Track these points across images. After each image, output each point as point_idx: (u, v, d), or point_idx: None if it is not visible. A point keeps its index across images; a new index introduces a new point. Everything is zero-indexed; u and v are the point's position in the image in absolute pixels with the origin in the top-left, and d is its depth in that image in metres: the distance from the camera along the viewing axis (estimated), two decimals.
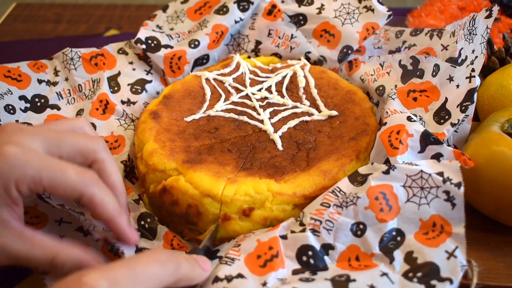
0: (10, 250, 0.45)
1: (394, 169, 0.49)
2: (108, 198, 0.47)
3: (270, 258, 0.47)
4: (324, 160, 0.56)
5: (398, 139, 0.52)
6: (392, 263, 0.46)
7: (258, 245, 0.48)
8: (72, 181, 0.46)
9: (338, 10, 0.73)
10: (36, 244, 0.46)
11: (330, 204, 0.49)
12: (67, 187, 0.46)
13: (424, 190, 0.48)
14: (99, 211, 0.47)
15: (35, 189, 0.45)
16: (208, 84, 0.69)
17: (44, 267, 0.47)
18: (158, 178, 0.57)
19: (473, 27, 0.60)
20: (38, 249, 0.46)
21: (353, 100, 0.64)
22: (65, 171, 0.46)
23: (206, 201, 0.53)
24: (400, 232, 0.47)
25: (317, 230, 0.48)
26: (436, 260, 0.45)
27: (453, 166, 0.48)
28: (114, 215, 0.48)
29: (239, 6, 0.75)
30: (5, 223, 0.45)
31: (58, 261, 0.47)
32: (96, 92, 0.67)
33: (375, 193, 0.48)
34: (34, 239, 0.46)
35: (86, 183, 0.46)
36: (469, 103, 0.55)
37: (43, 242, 0.46)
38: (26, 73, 0.67)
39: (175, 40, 0.73)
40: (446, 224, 0.47)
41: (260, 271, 0.46)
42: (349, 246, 0.48)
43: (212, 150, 0.59)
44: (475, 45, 0.60)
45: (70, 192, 0.46)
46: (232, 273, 0.46)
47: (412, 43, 0.69)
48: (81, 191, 0.46)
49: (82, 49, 0.70)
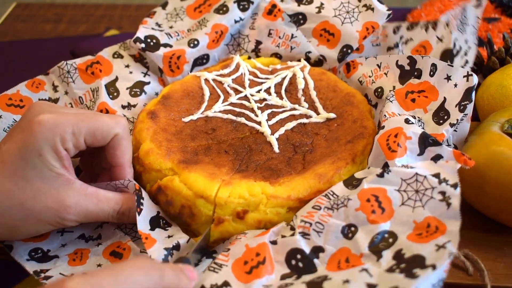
0: (82, 209, 0.49)
1: (389, 172, 0.49)
2: (129, 148, 0.55)
3: (256, 265, 0.47)
4: (320, 163, 0.56)
5: (396, 142, 0.52)
6: (379, 260, 0.44)
7: (246, 251, 0.48)
8: (108, 124, 0.52)
9: (338, 9, 0.73)
10: (101, 199, 0.51)
11: (321, 207, 0.49)
12: (104, 130, 0.51)
13: (419, 193, 0.47)
14: (119, 153, 0.53)
15: (77, 143, 0.50)
16: (207, 84, 0.69)
17: (112, 218, 0.52)
18: (153, 178, 0.57)
19: (465, 17, 0.60)
20: (105, 203, 0.51)
21: (351, 102, 0.64)
22: (100, 118, 0.52)
23: (199, 202, 0.53)
24: (393, 234, 0.46)
25: (307, 232, 0.48)
26: (424, 253, 0.43)
27: (449, 167, 0.48)
28: (126, 163, 0.54)
29: (239, 5, 0.74)
30: (70, 184, 0.49)
31: (124, 209, 0.52)
32: (96, 101, 0.67)
33: (367, 195, 0.48)
34: (99, 194, 0.51)
35: (120, 125, 0.53)
36: (468, 102, 0.55)
37: (107, 196, 0.51)
38: (27, 96, 0.67)
39: (174, 39, 0.73)
40: (441, 225, 0.45)
41: (246, 278, 0.46)
42: (340, 248, 0.47)
43: (209, 151, 0.59)
44: (468, 35, 0.59)
45: (106, 134, 0.52)
46: (218, 281, 0.46)
47: (409, 38, 0.69)
48: (116, 131, 0.52)
49: (77, 60, 0.69)
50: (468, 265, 0.51)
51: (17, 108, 0.66)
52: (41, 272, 0.50)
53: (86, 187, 0.50)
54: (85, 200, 0.50)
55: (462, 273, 0.51)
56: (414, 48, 0.67)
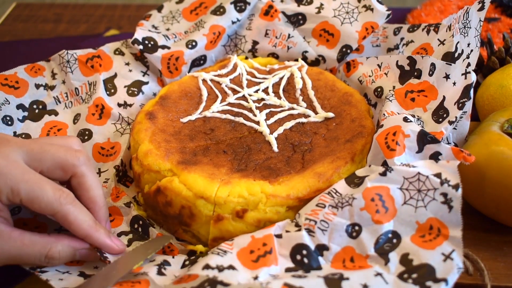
0: (2, 252, 0.47)
1: (391, 171, 0.49)
2: (82, 216, 0.50)
3: (263, 254, 0.47)
4: (319, 162, 0.56)
5: (394, 141, 0.52)
6: (387, 265, 0.45)
7: (252, 241, 0.48)
8: (48, 197, 0.48)
9: (337, 10, 0.73)
10: (26, 242, 0.48)
11: (325, 205, 0.49)
12: (43, 203, 0.48)
13: (421, 192, 0.48)
14: (73, 228, 0.49)
15: (13, 200, 0.47)
16: (205, 85, 0.69)
17: (40, 262, 0.49)
18: (153, 179, 0.57)
19: (467, 21, 0.60)
20: (30, 247, 0.48)
21: (350, 102, 0.64)
22: (43, 187, 0.48)
23: (200, 202, 0.53)
24: (396, 234, 0.47)
25: (312, 230, 0.48)
26: (432, 262, 0.44)
27: (451, 167, 0.48)
28: (89, 232, 0.50)
29: (235, 6, 0.74)
30: None
31: (53, 252, 0.49)
32: (93, 96, 0.67)
33: (371, 194, 0.48)
34: (23, 238, 0.48)
35: (61, 201, 0.48)
36: (466, 100, 0.55)
37: (33, 239, 0.48)
38: (24, 79, 0.67)
39: (171, 41, 0.73)
40: (443, 227, 0.46)
41: (253, 265, 0.46)
42: (344, 247, 0.47)
43: (207, 151, 0.59)
44: (470, 38, 0.59)
45: (45, 208, 0.48)
46: (224, 263, 0.46)
47: (410, 40, 0.69)
48: (55, 209, 0.48)
49: (78, 51, 0.69)
50: (468, 265, 0.51)
51: (11, 89, 0.65)
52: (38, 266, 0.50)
53: (11, 230, 0.48)
54: (7, 244, 0.47)
55: (462, 273, 0.51)
56: (415, 50, 0.66)
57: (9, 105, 0.65)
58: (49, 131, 0.65)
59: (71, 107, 0.68)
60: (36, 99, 0.67)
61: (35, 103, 0.67)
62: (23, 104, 0.66)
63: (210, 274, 0.44)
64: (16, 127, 0.65)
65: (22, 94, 0.66)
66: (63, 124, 0.66)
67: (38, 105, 0.67)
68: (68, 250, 0.50)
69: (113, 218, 0.58)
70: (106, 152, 0.64)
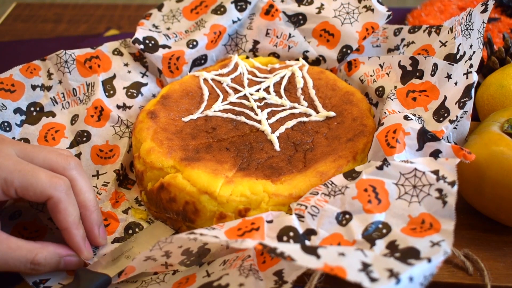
0: None
1: (388, 165, 0.49)
2: (72, 209, 0.50)
3: (250, 230, 0.46)
4: (321, 161, 0.56)
5: (394, 138, 0.52)
6: (372, 248, 0.45)
7: (242, 221, 0.48)
8: (42, 183, 0.48)
9: (338, 10, 0.73)
10: (12, 246, 0.47)
11: (318, 192, 0.49)
12: (37, 189, 0.48)
13: (416, 188, 0.48)
14: (60, 217, 0.49)
15: (7, 191, 0.47)
16: (206, 84, 0.69)
17: (25, 268, 0.48)
18: (155, 176, 0.57)
19: (470, 22, 0.60)
20: (16, 251, 0.47)
21: (351, 101, 0.64)
22: (36, 175, 0.48)
23: (204, 198, 0.53)
24: (387, 225, 0.47)
25: (302, 215, 0.48)
26: (419, 246, 0.43)
27: (449, 164, 0.48)
28: (71, 226, 0.50)
29: (236, 6, 0.74)
30: None
31: (39, 258, 0.48)
32: (91, 97, 0.66)
33: (365, 185, 0.48)
34: (9, 242, 0.47)
35: (57, 187, 0.48)
36: (467, 99, 0.55)
37: (19, 243, 0.48)
38: (20, 81, 0.66)
39: (172, 40, 0.73)
40: (435, 222, 0.45)
41: (237, 237, 0.45)
42: (333, 234, 0.47)
43: (210, 149, 0.59)
44: (472, 40, 0.60)
45: (40, 194, 0.48)
46: (209, 234, 0.45)
47: (411, 41, 0.69)
48: (50, 194, 0.48)
49: (76, 51, 0.69)
50: (468, 265, 0.51)
51: (7, 93, 0.65)
52: (40, 282, 0.50)
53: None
54: None
55: (462, 273, 0.51)
56: (416, 51, 0.66)
57: (6, 111, 0.64)
58: (46, 133, 0.65)
59: (68, 107, 0.67)
60: (33, 101, 0.67)
61: (32, 105, 0.66)
62: (21, 107, 0.66)
63: (191, 237, 0.43)
64: (14, 132, 0.64)
65: (18, 97, 0.66)
66: (60, 125, 0.66)
67: (36, 107, 0.66)
68: (54, 257, 0.49)
69: (108, 222, 0.58)
70: (105, 154, 0.63)
